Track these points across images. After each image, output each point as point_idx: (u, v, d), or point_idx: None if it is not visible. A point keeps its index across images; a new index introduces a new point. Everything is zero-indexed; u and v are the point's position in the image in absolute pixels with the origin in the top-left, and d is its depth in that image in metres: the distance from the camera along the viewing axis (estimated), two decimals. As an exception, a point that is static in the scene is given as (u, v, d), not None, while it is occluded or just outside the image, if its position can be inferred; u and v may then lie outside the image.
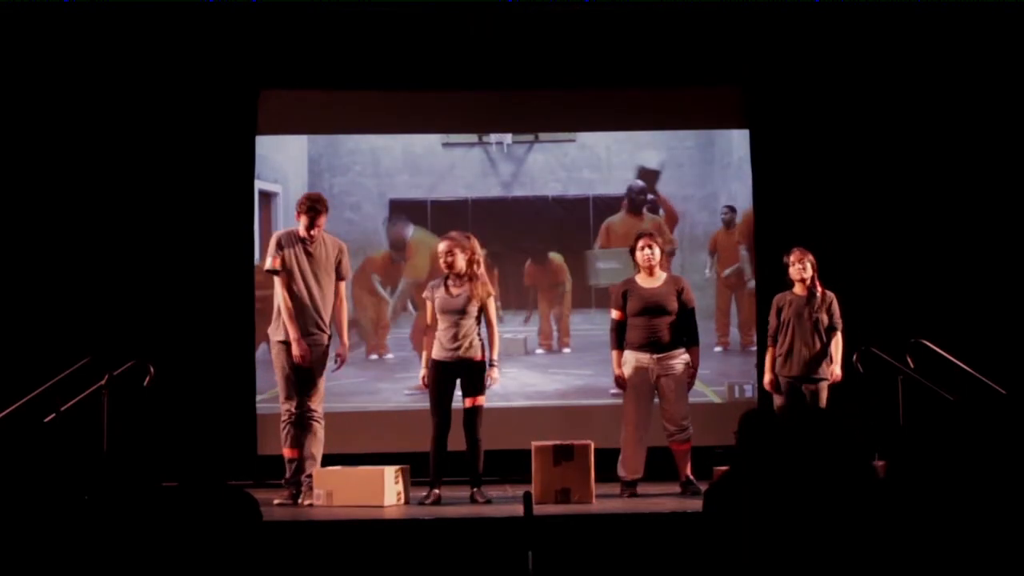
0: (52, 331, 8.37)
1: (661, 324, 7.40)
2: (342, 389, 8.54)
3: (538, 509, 5.80)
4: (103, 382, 7.25)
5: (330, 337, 7.28)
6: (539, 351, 9.09)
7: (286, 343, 7.14)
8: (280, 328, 7.18)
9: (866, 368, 7.70)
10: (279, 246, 7.20)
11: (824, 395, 7.40)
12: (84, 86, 8.69)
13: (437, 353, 7.20)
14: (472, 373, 7.18)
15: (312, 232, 7.17)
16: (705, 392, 8.84)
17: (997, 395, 7.56)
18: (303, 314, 7.16)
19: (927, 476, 5.87)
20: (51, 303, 8.53)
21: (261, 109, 8.96)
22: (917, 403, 7.55)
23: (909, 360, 7.65)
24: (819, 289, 7.47)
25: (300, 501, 7.18)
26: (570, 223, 9.10)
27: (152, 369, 7.54)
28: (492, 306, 7.25)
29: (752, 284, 8.99)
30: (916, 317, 8.39)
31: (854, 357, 7.71)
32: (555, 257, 9.14)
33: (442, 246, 7.21)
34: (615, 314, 7.54)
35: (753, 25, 8.94)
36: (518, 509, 5.68)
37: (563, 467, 7.09)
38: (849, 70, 8.98)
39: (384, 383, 8.94)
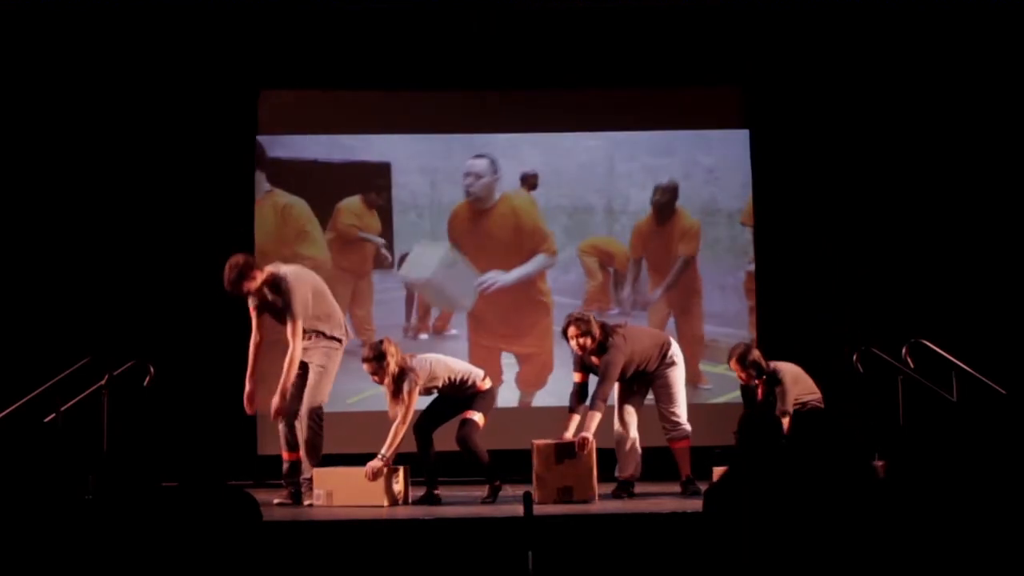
0: (52, 331, 8.37)
1: (623, 379, 7.38)
2: (342, 389, 8.53)
3: (538, 509, 5.80)
4: (103, 382, 7.25)
5: (319, 334, 7.24)
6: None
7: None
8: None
9: (866, 368, 7.71)
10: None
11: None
12: (84, 86, 8.70)
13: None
14: (474, 394, 7.22)
15: (254, 308, 7.16)
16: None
17: (997, 395, 7.56)
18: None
19: (927, 476, 5.87)
20: (51, 303, 8.53)
21: (261, 109, 8.96)
22: (917, 403, 7.55)
23: (909, 360, 7.65)
24: (760, 392, 7.30)
25: (300, 501, 7.18)
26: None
27: (152, 369, 7.54)
28: (410, 400, 7.05)
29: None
30: (916, 317, 8.39)
31: (854, 357, 7.71)
32: None
33: (365, 367, 7.11)
34: (577, 377, 7.40)
35: (753, 25, 8.94)
36: (518, 509, 5.68)
37: (565, 465, 7.09)
38: (849, 70, 8.98)
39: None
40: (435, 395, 7.29)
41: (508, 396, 8.96)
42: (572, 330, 7.29)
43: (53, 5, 8.54)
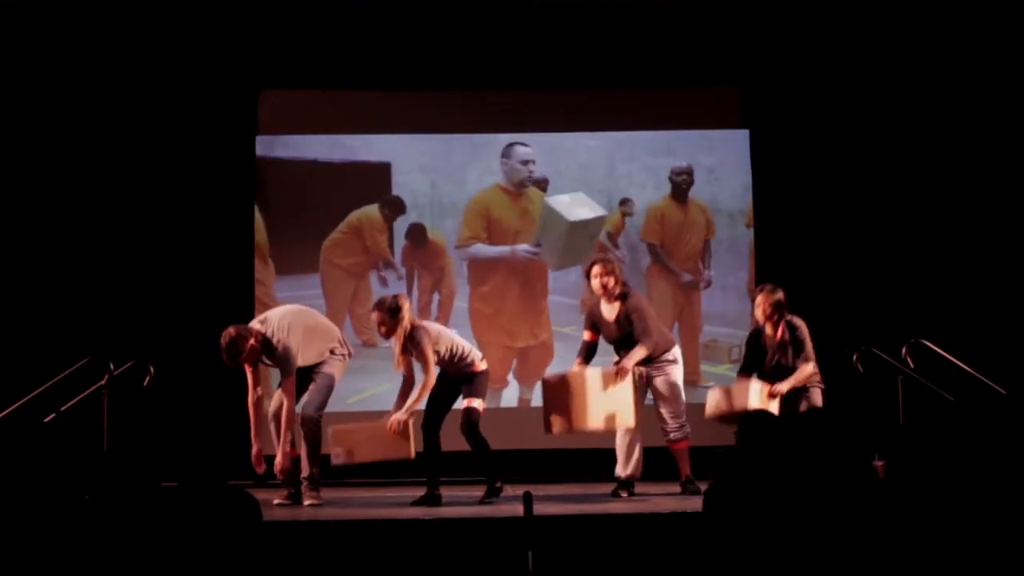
0: (52, 331, 8.38)
1: (631, 344, 7.32)
2: (342, 389, 8.52)
3: (538, 509, 5.80)
4: (103, 382, 7.26)
5: (330, 353, 7.27)
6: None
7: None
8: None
9: (866, 368, 7.70)
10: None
11: (818, 398, 7.25)
12: (84, 86, 8.70)
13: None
14: (470, 379, 7.20)
15: (249, 366, 7.14)
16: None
17: (997, 395, 7.56)
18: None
19: (927, 476, 5.87)
20: (51, 303, 8.53)
21: (261, 109, 8.96)
22: (917, 403, 7.55)
23: (909, 360, 7.65)
24: (780, 332, 7.22)
25: (300, 501, 7.18)
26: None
27: (152, 369, 7.55)
28: (428, 354, 7.03)
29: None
30: (916, 317, 8.39)
31: (854, 357, 7.70)
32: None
33: (373, 316, 7.08)
34: (587, 335, 7.45)
35: (753, 25, 8.95)
36: (518, 509, 5.68)
37: (602, 394, 7.05)
38: (849, 70, 8.99)
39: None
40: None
41: (509, 395, 8.97)
42: (597, 268, 7.28)
43: (53, 5, 8.54)
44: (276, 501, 7.16)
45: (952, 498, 5.39)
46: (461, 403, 7.18)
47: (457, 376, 7.19)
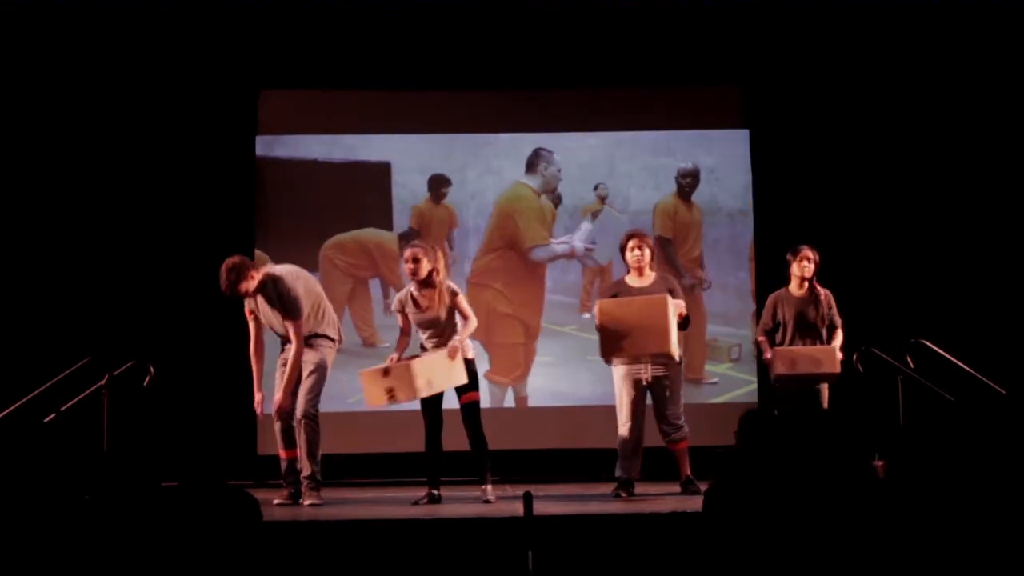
0: (52, 331, 8.38)
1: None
2: (343, 388, 8.55)
3: (538, 509, 5.80)
4: (103, 382, 7.26)
5: (314, 335, 7.26)
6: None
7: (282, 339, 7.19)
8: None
9: (866, 368, 7.71)
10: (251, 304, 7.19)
11: (825, 396, 7.38)
12: (84, 86, 8.70)
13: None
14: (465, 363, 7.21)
15: (247, 297, 7.13)
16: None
17: (997, 395, 7.56)
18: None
19: (927, 476, 5.87)
20: (51, 303, 8.53)
21: (261, 109, 8.96)
22: (917, 403, 7.55)
23: (909, 360, 7.66)
24: (821, 289, 7.44)
25: (300, 501, 7.18)
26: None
27: (152, 369, 7.55)
28: (463, 303, 7.12)
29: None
30: (916, 317, 8.40)
31: (854, 357, 7.71)
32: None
33: (407, 252, 7.11)
34: (597, 307, 7.36)
35: (753, 25, 8.94)
36: (518, 509, 5.68)
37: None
38: (849, 70, 8.99)
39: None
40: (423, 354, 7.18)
41: (510, 396, 8.98)
42: (634, 241, 7.34)
43: (53, 5, 8.54)
44: (276, 501, 7.16)
45: (952, 498, 5.39)
46: (461, 397, 7.18)
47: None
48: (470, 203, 9.14)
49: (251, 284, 7.08)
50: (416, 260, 7.04)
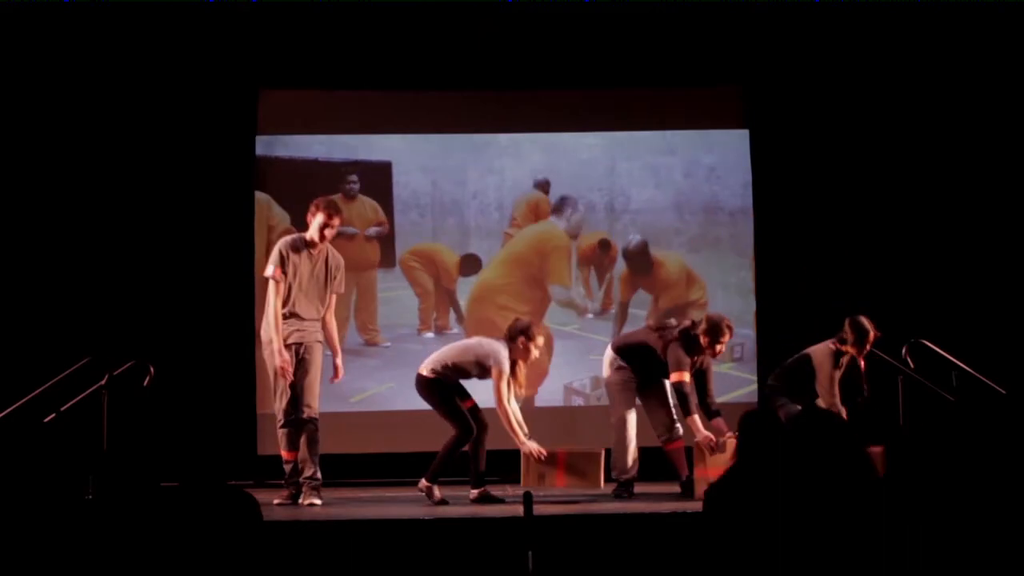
0: (52, 331, 8.37)
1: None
2: (345, 388, 8.56)
3: (538, 509, 5.80)
4: (103, 382, 7.25)
5: (320, 342, 7.28)
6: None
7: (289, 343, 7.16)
8: (270, 330, 7.20)
9: (866, 368, 7.70)
10: (283, 256, 7.15)
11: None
12: (84, 86, 8.69)
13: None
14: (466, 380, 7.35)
15: (324, 233, 7.14)
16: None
17: (997, 395, 7.56)
18: (292, 321, 7.15)
19: (927, 476, 5.87)
20: (51, 303, 8.53)
21: (261, 109, 8.95)
22: (917, 403, 7.54)
23: (909, 360, 7.65)
24: (863, 364, 7.47)
25: (300, 501, 7.18)
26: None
27: (152, 369, 7.54)
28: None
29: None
30: (916, 317, 8.39)
31: (854, 356, 7.70)
32: None
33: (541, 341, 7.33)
34: (689, 377, 7.31)
35: (753, 25, 8.94)
36: (518, 509, 5.68)
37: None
38: (849, 70, 8.98)
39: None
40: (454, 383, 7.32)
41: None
42: (729, 335, 7.34)
43: (53, 5, 8.53)
44: (276, 501, 7.16)
45: (952, 498, 5.39)
46: (465, 403, 7.28)
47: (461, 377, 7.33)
48: (471, 203, 9.13)
49: (334, 228, 7.18)
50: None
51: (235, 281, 8.75)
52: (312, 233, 7.17)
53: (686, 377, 7.24)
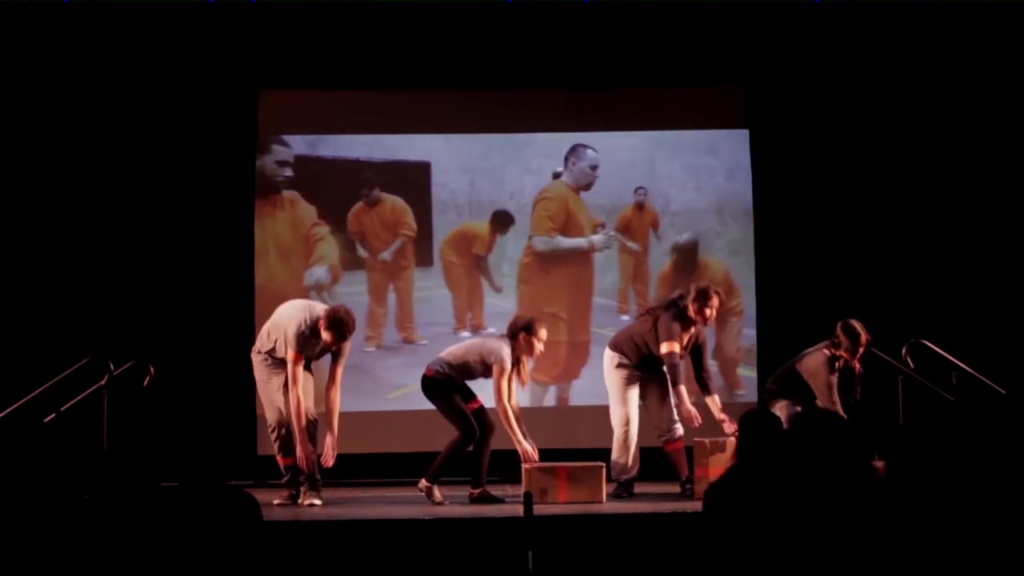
0: (52, 331, 8.37)
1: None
2: (382, 385, 8.69)
3: (538, 509, 5.80)
4: (103, 382, 7.25)
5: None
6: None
7: (270, 356, 7.19)
8: (267, 343, 7.25)
9: (866, 368, 7.70)
10: (302, 348, 7.13)
11: None
12: (84, 86, 8.69)
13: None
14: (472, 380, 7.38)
15: (331, 348, 7.19)
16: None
17: (997, 395, 7.56)
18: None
19: (927, 476, 5.87)
20: (51, 303, 8.53)
21: (261, 109, 8.95)
22: (917, 403, 7.54)
23: (909, 360, 7.65)
24: (858, 368, 7.46)
25: (300, 501, 7.19)
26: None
27: (152, 369, 7.54)
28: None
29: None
30: (916, 317, 8.39)
31: (854, 357, 7.70)
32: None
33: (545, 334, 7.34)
34: (679, 348, 7.35)
35: (753, 25, 8.93)
36: (518, 509, 5.68)
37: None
38: (849, 70, 8.98)
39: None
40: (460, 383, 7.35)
41: (551, 396, 9.03)
42: (717, 300, 7.36)
43: (53, 5, 8.53)
44: (276, 501, 7.16)
45: (952, 498, 5.39)
46: (469, 404, 7.32)
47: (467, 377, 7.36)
48: (508, 203, 9.12)
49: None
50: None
51: (235, 281, 8.75)
52: (324, 339, 7.16)
53: (676, 348, 7.26)
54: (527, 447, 7.19)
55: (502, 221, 9.09)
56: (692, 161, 9.16)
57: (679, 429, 7.42)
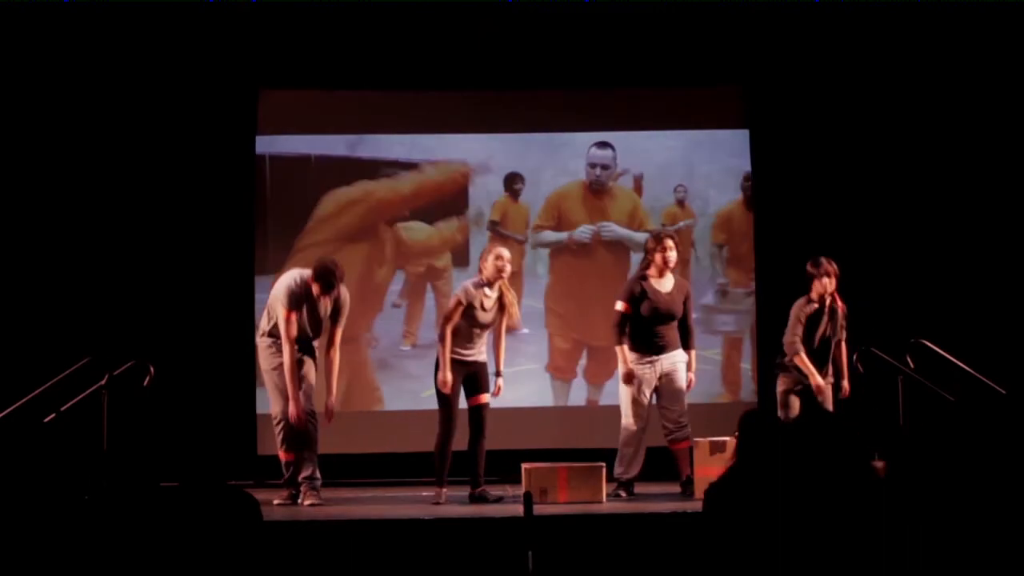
0: (52, 331, 8.37)
1: (669, 328, 7.45)
2: (415, 384, 8.66)
3: (538, 509, 5.80)
4: (103, 382, 7.25)
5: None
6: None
7: (274, 341, 7.19)
8: (268, 323, 7.30)
9: (866, 368, 7.70)
10: (294, 305, 7.18)
11: (828, 397, 7.45)
12: (84, 86, 8.68)
13: (465, 355, 7.30)
14: (480, 373, 7.28)
15: (325, 298, 7.21)
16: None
17: (997, 395, 7.56)
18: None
19: (927, 476, 5.87)
20: (51, 303, 8.52)
21: (261, 109, 8.95)
22: (917, 403, 7.54)
23: (909, 360, 7.65)
24: (841, 303, 7.50)
25: (300, 501, 7.19)
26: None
27: (152, 369, 7.54)
28: (516, 314, 7.31)
29: None
30: (916, 317, 8.39)
31: (854, 357, 7.70)
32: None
33: (507, 254, 7.28)
34: (622, 306, 7.46)
35: (753, 25, 8.93)
36: (518, 509, 5.68)
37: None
38: (849, 70, 8.97)
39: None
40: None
41: (576, 395, 9.02)
42: (671, 241, 7.45)
43: (53, 5, 8.52)
44: (276, 501, 7.17)
45: (952, 498, 5.39)
46: (470, 399, 7.28)
47: (474, 368, 7.29)
48: (543, 203, 9.12)
49: (335, 293, 7.24)
50: (507, 261, 7.26)
51: (235, 281, 8.75)
52: (315, 292, 7.21)
53: (619, 306, 7.42)
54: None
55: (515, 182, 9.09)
56: (729, 162, 9.16)
57: (688, 429, 7.42)
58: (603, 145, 9.13)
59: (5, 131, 8.66)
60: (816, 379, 7.40)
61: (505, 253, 7.26)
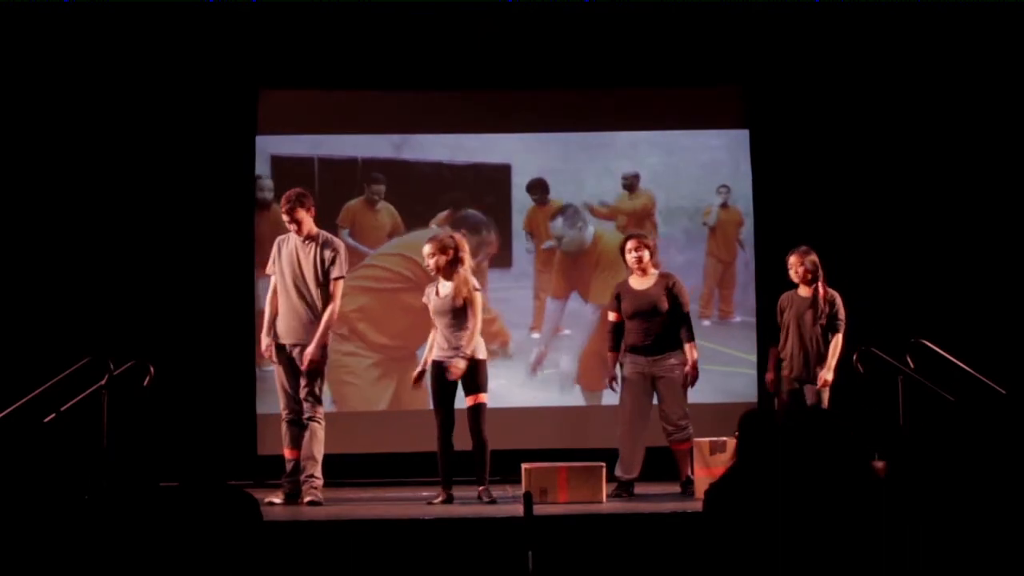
0: (52, 331, 8.37)
1: (654, 325, 7.44)
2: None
3: (538, 509, 5.80)
4: (103, 382, 7.25)
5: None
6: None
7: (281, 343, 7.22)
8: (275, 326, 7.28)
9: (866, 368, 7.70)
10: (276, 251, 7.31)
11: (826, 396, 7.46)
12: (84, 86, 8.69)
13: (436, 353, 7.25)
14: (472, 371, 7.21)
15: (293, 228, 7.21)
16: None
17: (997, 395, 7.56)
18: (285, 316, 7.21)
19: (927, 476, 5.87)
20: (51, 303, 8.53)
21: (261, 109, 8.95)
22: (917, 403, 7.55)
23: (909, 360, 7.65)
24: (821, 290, 7.51)
25: (300, 501, 7.18)
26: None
27: (152, 369, 7.54)
28: (477, 301, 7.23)
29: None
30: (916, 317, 8.39)
31: (854, 357, 7.70)
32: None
33: (426, 248, 7.26)
34: (612, 316, 7.62)
35: (753, 25, 8.93)
36: (518, 509, 5.68)
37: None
38: (849, 70, 8.98)
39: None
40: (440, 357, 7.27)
41: (577, 397, 9.04)
42: (632, 243, 7.51)
43: (53, 5, 8.52)
44: (267, 500, 7.16)
45: (952, 498, 5.39)
46: (467, 400, 7.23)
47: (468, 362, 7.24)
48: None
49: (306, 220, 7.19)
50: (432, 255, 7.21)
51: (235, 281, 8.75)
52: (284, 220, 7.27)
53: (610, 315, 7.63)
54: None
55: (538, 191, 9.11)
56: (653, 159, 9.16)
57: (690, 430, 7.42)
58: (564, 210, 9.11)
59: (5, 131, 8.66)
60: (767, 376, 7.70)
61: (425, 249, 7.27)
